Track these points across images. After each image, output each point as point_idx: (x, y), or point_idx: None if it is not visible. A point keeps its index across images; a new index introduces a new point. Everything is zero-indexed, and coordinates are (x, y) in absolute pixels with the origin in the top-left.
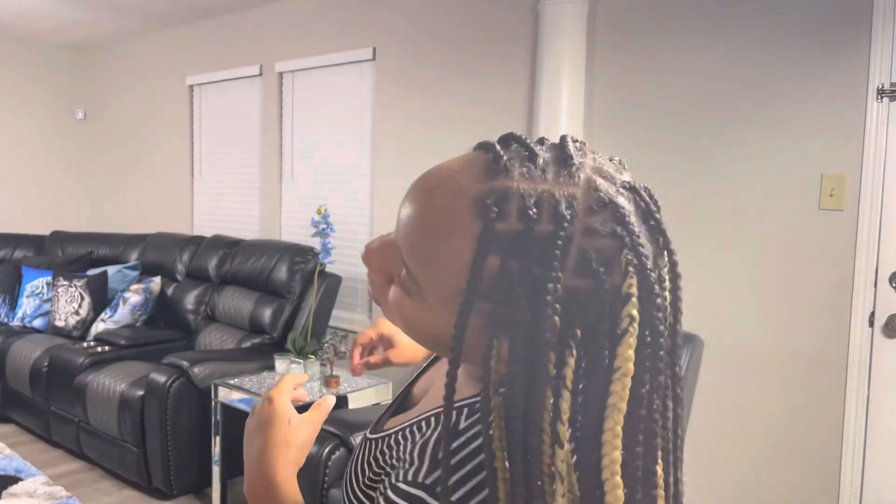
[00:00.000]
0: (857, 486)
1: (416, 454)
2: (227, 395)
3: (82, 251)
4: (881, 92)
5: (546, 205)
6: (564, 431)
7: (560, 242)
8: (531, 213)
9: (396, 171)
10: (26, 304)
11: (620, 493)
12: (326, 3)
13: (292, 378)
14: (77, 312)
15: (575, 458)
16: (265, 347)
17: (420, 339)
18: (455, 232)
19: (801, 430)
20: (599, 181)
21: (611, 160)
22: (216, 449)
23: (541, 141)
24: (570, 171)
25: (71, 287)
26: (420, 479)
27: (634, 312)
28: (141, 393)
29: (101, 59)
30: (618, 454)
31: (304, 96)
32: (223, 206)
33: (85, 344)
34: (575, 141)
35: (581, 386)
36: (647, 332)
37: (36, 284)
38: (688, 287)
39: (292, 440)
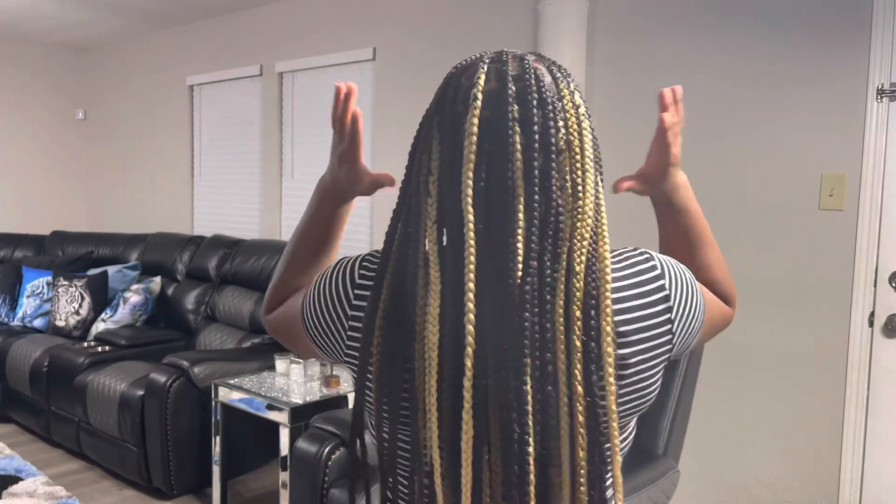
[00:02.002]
0: (856, 485)
1: None
2: (227, 395)
3: (82, 251)
4: (881, 92)
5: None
6: (433, 182)
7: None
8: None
9: (396, 171)
10: (27, 304)
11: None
12: (326, 3)
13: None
14: (77, 312)
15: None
16: (265, 347)
17: None
18: None
19: (800, 430)
20: (515, 63)
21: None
22: (216, 449)
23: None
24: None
25: (71, 287)
26: None
27: (478, 94)
28: (141, 393)
29: (101, 59)
30: (470, 206)
31: (304, 96)
32: (223, 206)
33: (85, 344)
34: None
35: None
36: (489, 114)
37: (36, 284)
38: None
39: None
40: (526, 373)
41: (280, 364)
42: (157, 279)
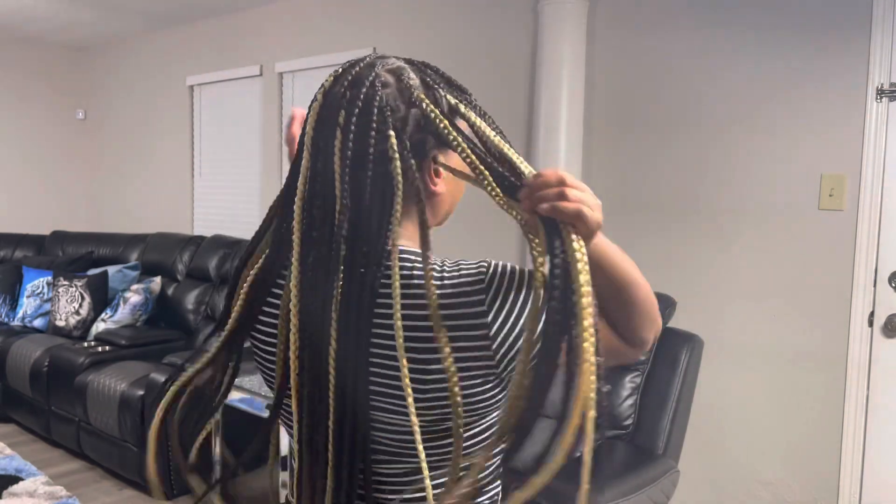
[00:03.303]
0: (856, 485)
1: None
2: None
3: (82, 251)
4: (881, 92)
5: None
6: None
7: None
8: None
9: None
10: (27, 304)
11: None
12: (326, 3)
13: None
14: (77, 312)
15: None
16: None
17: None
18: None
19: (800, 430)
20: (396, 76)
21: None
22: (216, 449)
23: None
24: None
25: (71, 287)
26: None
27: (319, 95)
28: (141, 393)
29: (101, 59)
30: (299, 197)
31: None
32: (223, 206)
33: (85, 344)
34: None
35: None
36: (326, 115)
37: (36, 284)
38: (688, 287)
39: None
40: (332, 336)
41: None
42: (158, 279)
